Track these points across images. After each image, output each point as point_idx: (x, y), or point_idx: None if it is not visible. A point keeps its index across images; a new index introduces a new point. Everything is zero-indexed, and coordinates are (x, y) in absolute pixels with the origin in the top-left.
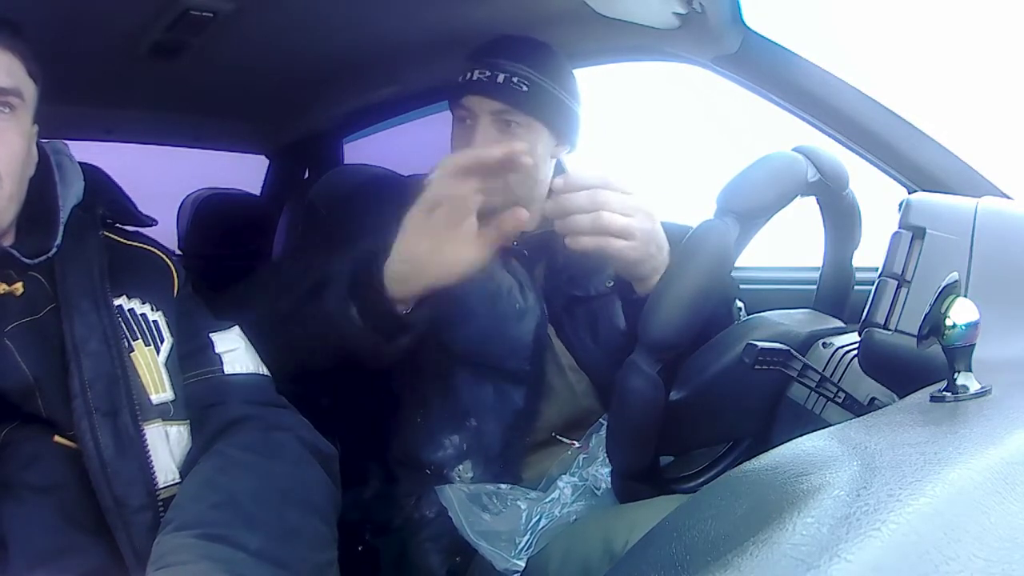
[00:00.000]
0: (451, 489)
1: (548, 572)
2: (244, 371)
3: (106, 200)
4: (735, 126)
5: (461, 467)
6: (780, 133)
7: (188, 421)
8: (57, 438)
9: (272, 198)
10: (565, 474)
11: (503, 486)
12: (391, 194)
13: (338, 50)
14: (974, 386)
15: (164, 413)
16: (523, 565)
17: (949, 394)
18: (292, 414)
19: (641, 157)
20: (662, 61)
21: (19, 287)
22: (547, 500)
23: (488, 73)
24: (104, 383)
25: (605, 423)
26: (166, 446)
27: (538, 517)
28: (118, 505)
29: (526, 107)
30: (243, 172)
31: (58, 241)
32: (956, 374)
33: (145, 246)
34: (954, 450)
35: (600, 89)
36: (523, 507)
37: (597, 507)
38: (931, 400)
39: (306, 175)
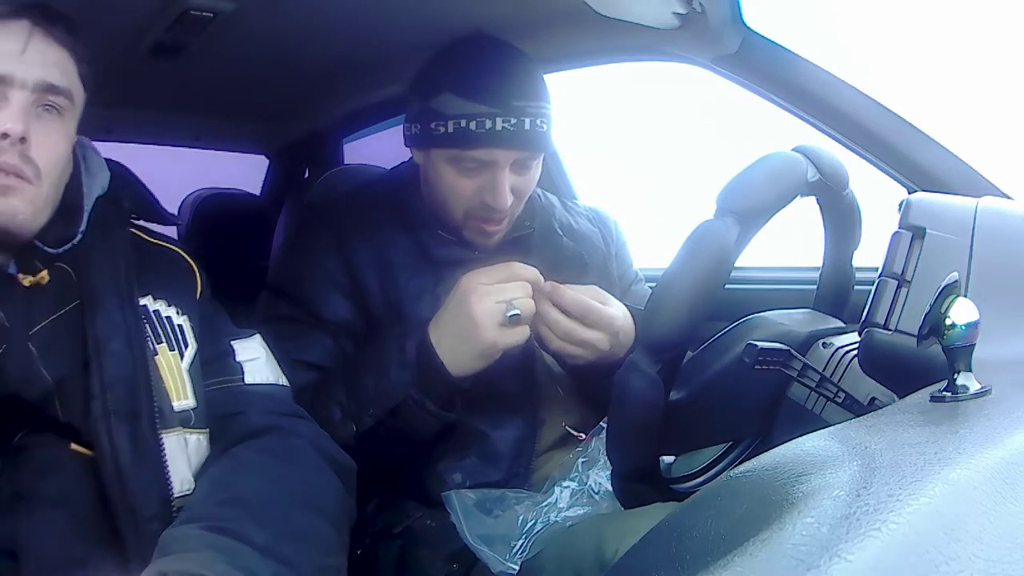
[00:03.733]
0: (456, 495)
1: None
2: (264, 381)
3: (131, 194)
4: (735, 126)
5: (469, 488)
6: (780, 133)
7: (208, 430)
8: (73, 446)
9: (272, 198)
10: (565, 478)
11: (509, 491)
12: (388, 196)
13: (338, 50)
14: (974, 386)
15: (185, 421)
16: (517, 568)
17: (949, 394)
18: (311, 425)
19: (641, 157)
20: (662, 61)
21: (45, 275)
22: (543, 504)
23: (513, 120)
24: (124, 386)
25: (605, 425)
26: (184, 455)
27: (533, 521)
28: (130, 513)
29: (545, 145)
30: (243, 172)
31: (82, 228)
32: (956, 374)
33: (170, 245)
34: (954, 450)
35: (600, 89)
36: (520, 511)
37: (591, 513)
38: (931, 400)
39: (306, 175)
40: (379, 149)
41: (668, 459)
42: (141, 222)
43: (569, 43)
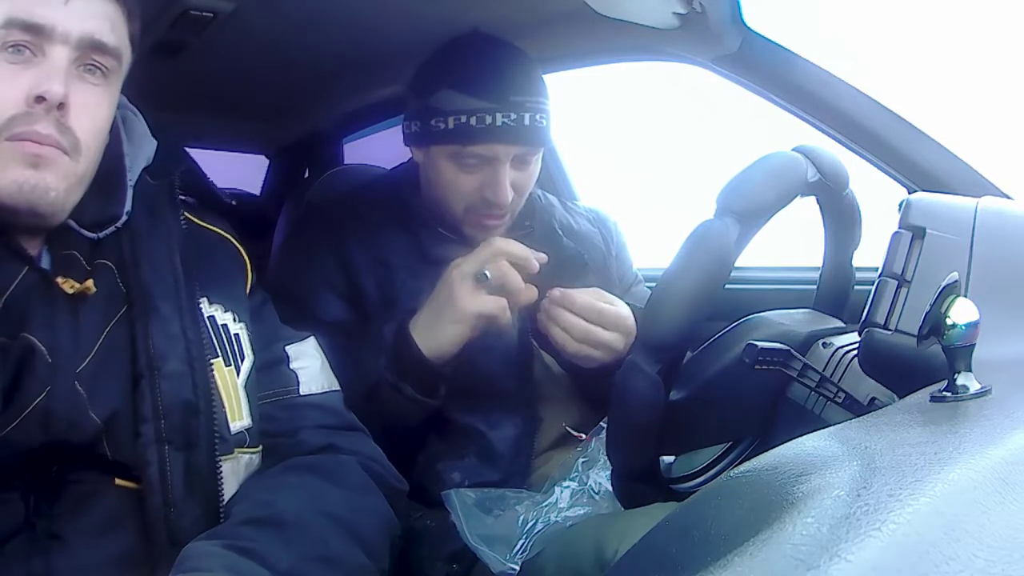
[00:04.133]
0: (456, 494)
1: None
2: (320, 391)
3: (182, 170)
4: (735, 126)
5: (468, 487)
6: (780, 133)
7: (261, 448)
8: (119, 481)
9: (272, 198)
10: (565, 478)
11: (509, 490)
12: (388, 196)
13: (338, 50)
14: (974, 386)
15: (240, 442)
16: (517, 568)
17: (949, 394)
18: (365, 440)
19: (641, 157)
20: (662, 61)
21: (91, 284)
22: (544, 504)
23: (513, 116)
24: (181, 413)
25: (605, 425)
26: (236, 478)
27: (534, 521)
28: (173, 547)
29: (545, 141)
30: (243, 172)
31: (127, 208)
32: (956, 374)
33: (218, 229)
34: (954, 450)
35: (600, 89)
36: (520, 510)
37: (591, 513)
38: (931, 400)
39: (306, 175)
40: (379, 149)
41: (668, 459)
42: (188, 200)
43: (569, 43)
